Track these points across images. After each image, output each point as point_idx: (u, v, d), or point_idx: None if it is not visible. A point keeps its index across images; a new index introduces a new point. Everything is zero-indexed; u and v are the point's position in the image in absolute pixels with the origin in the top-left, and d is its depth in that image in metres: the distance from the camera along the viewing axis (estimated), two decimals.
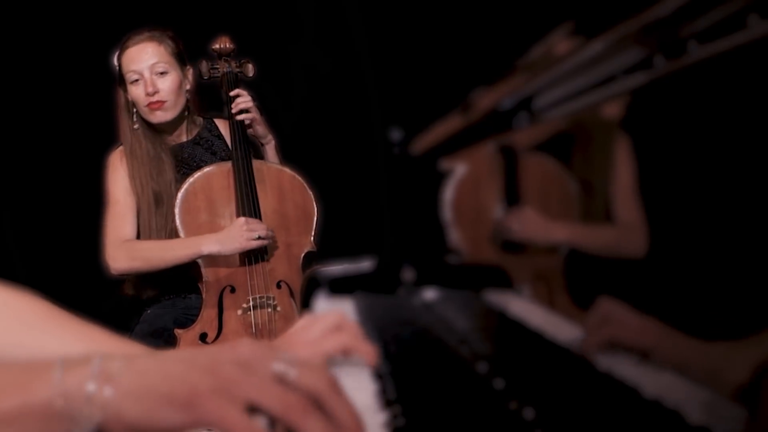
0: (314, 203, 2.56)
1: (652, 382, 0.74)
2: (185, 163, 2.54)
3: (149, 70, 2.42)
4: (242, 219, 2.40)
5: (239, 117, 2.52)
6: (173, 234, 2.44)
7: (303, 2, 3.44)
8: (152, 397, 0.59)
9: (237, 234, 2.37)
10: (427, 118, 1.49)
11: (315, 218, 2.55)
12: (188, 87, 2.52)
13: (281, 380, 0.60)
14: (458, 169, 1.48)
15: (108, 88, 3.26)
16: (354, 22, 3.34)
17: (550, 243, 1.11)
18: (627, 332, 0.77)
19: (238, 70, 2.60)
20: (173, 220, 2.42)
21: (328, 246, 2.61)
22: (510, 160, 1.27)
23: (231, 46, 2.62)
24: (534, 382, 0.83)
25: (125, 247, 2.41)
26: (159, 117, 2.46)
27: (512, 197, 1.25)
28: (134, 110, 2.47)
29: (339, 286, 1.55)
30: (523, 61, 1.12)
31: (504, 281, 1.34)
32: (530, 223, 1.17)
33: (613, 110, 0.90)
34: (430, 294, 1.48)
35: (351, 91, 3.35)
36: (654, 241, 0.78)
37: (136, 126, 2.47)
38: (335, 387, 0.62)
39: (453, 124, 1.39)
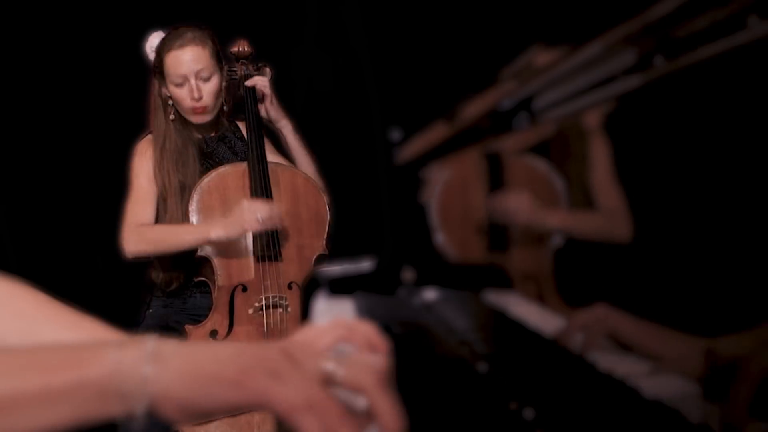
0: (327, 207, 2.59)
1: (653, 382, 0.74)
2: (208, 157, 2.58)
3: (195, 75, 2.45)
4: (245, 201, 2.41)
5: (250, 82, 2.55)
6: None
7: (304, 5, 3.44)
8: (202, 377, 0.60)
9: (239, 216, 2.39)
10: (427, 119, 1.49)
11: (327, 222, 2.57)
12: (224, 85, 2.55)
13: (329, 379, 0.62)
14: (444, 173, 1.48)
15: (98, 83, 3.27)
16: (354, 23, 3.34)
17: (543, 228, 1.11)
18: (621, 330, 0.78)
19: (255, 73, 2.64)
20: (188, 216, 2.45)
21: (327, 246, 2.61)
22: (495, 163, 1.27)
23: (249, 49, 2.66)
24: (534, 382, 0.83)
25: (138, 231, 2.44)
26: (200, 119, 2.52)
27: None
28: (171, 103, 2.50)
29: (339, 286, 1.55)
30: (504, 73, 1.13)
31: (503, 281, 1.34)
32: (524, 206, 1.17)
33: (592, 119, 0.90)
34: (430, 294, 1.48)
35: (351, 91, 3.35)
36: (645, 238, 0.78)
37: (172, 117, 2.51)
38: (382, 385, 0.63)
39: (439, 132, 1.40)
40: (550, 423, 0.67)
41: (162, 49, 2.48)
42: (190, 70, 2.44)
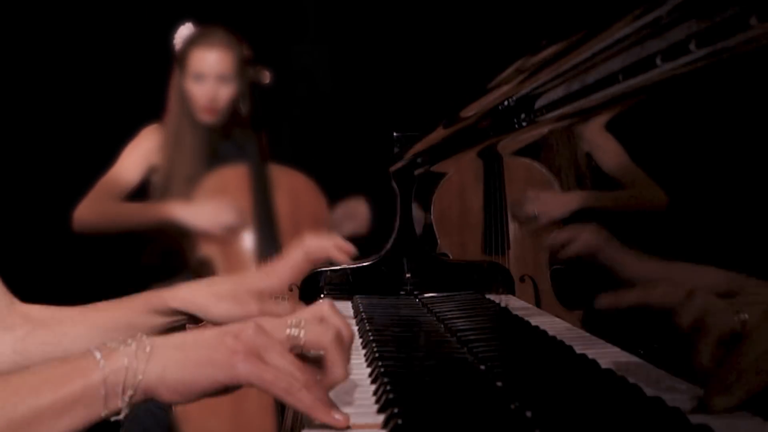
0: (326, 209, 2.59)
1: (654, 382, 0.74)
2: (213, 154, 2.59)
3: (215, 76, 2.46)
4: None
5: None
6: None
7: (304, 4, 3.44)
8: (192, 362, 0.69)
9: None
10: (428, 120, 1.49)
11: (327, 224, 2.58)
12: (241, 92, 2.56)
13: (293, 342, 0.73)
14: (443, 174, 1.49)
15: (77, 84, 3.27)
16: (354, 23, 3.35)
17: (572, 211, 1.10)
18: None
19: (253, 76, 2.65)
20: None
21: None
22: (492, 164, 1.28)
23: (247, 51, 2.66)
24: (534, 382, 0.83)
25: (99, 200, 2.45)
26: (209, 119, 2.52)
27: (496, 200, 1.26)
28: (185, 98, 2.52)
29: (339, 286, 1.55)
30: (500, 76, 1.13)
31: (504, 281, 1.34)
32: (549, 201, 1.17)
33: (600, 118, 0.91)
34: (430, 294, 1.48)
35: (351, 92, 3.35)
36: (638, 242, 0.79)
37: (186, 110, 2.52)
38: (338, 340, 0.75)
39: (439, 133, 1.40)
40: (550, 423, 0.67)
41: (189, 43, 2.49)
42: (211, 71, 2.46)
